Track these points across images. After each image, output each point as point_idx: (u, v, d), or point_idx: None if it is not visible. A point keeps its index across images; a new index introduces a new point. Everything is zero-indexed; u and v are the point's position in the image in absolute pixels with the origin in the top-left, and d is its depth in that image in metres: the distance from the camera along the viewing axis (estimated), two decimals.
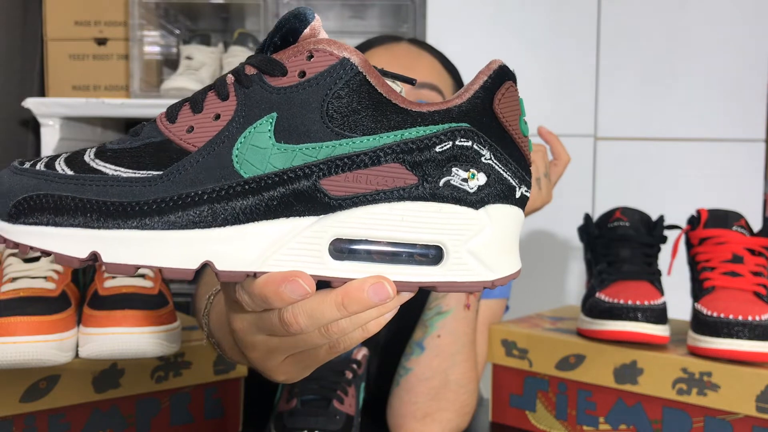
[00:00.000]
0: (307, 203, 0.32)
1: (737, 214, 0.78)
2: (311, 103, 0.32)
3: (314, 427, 0.66)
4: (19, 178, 0.33)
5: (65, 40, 1.60)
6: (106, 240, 0.31)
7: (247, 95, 0.33)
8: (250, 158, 0.32)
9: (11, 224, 0.32)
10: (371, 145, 0.32)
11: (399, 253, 0.33)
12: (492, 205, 0.34)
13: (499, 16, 1.52)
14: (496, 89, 0.35)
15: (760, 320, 0.68)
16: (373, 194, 0.32)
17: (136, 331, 0.63)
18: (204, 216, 0.32)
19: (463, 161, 0.33)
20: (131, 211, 0.31)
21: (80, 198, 0.31)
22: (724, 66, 1.48)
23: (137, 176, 0.32)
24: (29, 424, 0.64)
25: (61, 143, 1.53)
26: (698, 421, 0.70)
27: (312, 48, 0.33)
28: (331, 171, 0.32)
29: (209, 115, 0.33)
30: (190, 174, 0.32)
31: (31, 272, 0.65)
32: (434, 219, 0.33)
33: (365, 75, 0.33)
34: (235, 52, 1.58)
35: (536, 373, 0.80)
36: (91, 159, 0.33)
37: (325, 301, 0.32)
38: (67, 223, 0.31)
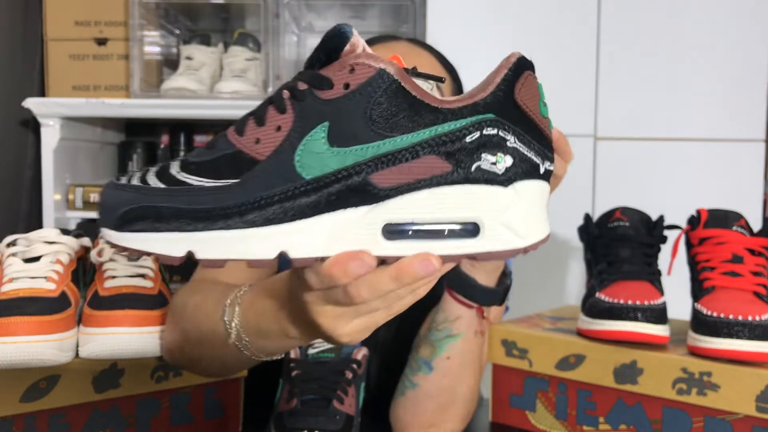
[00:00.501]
0: (360, 196, 0.38)
1: (737, 214, 0.78)
2: (356, 110, 0.37)
3: (314, 427, 0.66)
4: (120, 193, 0.38)
5: (65, 40, 1.60)
6: (199, 241, 0.37)
7: (302, 108, 0.38)
8: (310, 162, 0.37)
9: (119, 233, 0.38)
10: (410, 141, 0.38)
11: (441, 230, 0.38)
12: (519, 182, 0.39)
13: (499, 16, 1.52)
14: (516, 80, 0.39)
15: (760, 320, 0.68)
16: (414, 183, 0.38)
17: (136, 331, 0.63)
18: (276, 214, 0.37)
19: (491, 147, 0.38)
20: (216, 215, 0.37)
21: (173, 207, 0.37)
22: (724, 66, 1.48)
23: (218, 185, 0.38)
24: (29, 424, 0.64)
25: (61, 143, 1.53)
26: (698, 421, 0.70)
27: (353, 62, 0.38)
28: (377, 167, 0.37)
29: (271, 127, 0.38)
30: (261, 179, 0.37)
31: (31, 272, 0.65)
32: (469, 199, 0.38)
33: (400, 82, 0.38)
34: (235, 52, 1.58)
35: (536, 373, 0.80)
36: (177, 173, 0.39)
37: (382, 275, 0.38)
38: (165, 228, 0.37)
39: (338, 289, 0.40)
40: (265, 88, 1.55)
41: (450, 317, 0.69)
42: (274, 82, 1.54)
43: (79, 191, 1.57)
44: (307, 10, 1.69)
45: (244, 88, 1.53)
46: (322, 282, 0.39)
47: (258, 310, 0.53)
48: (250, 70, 1.57)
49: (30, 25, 1.63)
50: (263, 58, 1.58)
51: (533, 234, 0.40)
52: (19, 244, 0.69)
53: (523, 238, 0.39)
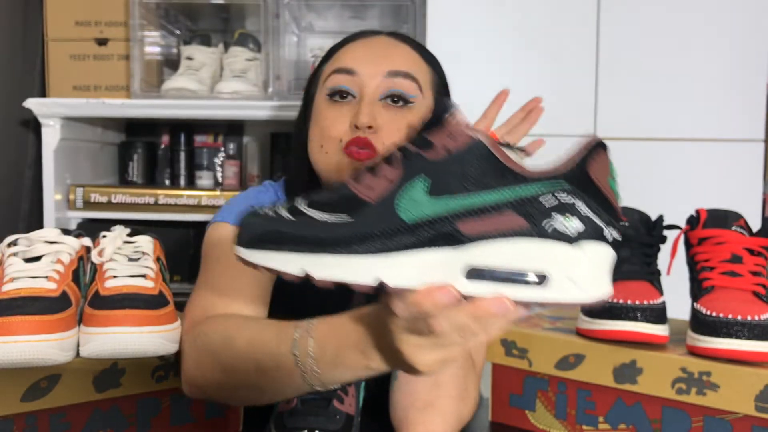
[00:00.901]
0: (448, 239, 0.44)
1: (736, 214, 0.78)
2: (453, 170, 0.45)
3: (314, 426, 0.66)
4: (257, 220, 0.47)
5: (66, 40, 1.60)
6: (314, 263, 0.45)
7: (409, 164, 0.46)
8: (410, 208, 0.45)
9: (248, 250, 0.47)
10: (494, 198, 0.44)
11: (514, 278, 0.44)
12: (586, 243, 0.44)
13: (499, 16, 1.52)
14: (591, 157, 0.46)
15: (759, 320, 0.68)
16: (495, 233, 0.44)
17: (137, 330, 0.63)
18: (378, 247, 0.45)
19: (563, 210, 0.44)
20: (330, 243, 0.45)
21: (296, 233, 0.46)
22: (723, 66, 1.48)
23: (335, 220, 0.46)
24: (30, 423, 0.64)
25: (62, 143, 1.53)
26: (697, 421, 0.70)
27: (453, 130, 0.46)
28: (466, 217, 0.44)
29: (383, 178, 0.47)
30: (370, 219, 0.45)
31: (32, 272, 0.65)
32: (541, 252, 0.44)
33: (491, 150, 0.45)
34: (236, 53, 1.58)
35: (536, 372, 0.80)
36: (305, 208, 0.48)
37: (461, 310, 0.44)
38: (286, 249, 0.46)
39: (422, 320, 0.45)
40: (266, 88, 1.55)
41: None
42: (275, 82, 1.55)
43: (80, 191, 1.58)
44: (307, 10, 1.69)
45: (245, 88, 1.53)
46: (409, 310, 0.45)
47: (339, 341, 0.56)
48: (250, 71, 1.57)
49: (30, 26, 1.63)
50: (263, 58, 1.58)
51: (594, 290, 0.45)
52: (19, 243, 0.69)
53: (585, 292, 0.44)
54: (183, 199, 1.58)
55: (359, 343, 0.55)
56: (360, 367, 0.55)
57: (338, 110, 0.83)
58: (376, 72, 0.83)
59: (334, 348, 0.56)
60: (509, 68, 1.52)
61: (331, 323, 0.58)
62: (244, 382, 0.63)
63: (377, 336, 0.53)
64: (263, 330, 0.63)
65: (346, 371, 0.56)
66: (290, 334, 0.59)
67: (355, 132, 0.81)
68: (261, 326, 0.64)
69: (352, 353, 0.55)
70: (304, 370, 0.58)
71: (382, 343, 0.52)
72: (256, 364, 0.61)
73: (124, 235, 0.75)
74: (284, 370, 0.59)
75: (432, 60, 0.90)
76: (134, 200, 1.58)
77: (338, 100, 0.83)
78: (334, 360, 0.56)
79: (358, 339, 0.55)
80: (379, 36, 0.89)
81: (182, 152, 1.82)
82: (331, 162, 0.83)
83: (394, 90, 0.83)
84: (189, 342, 0.69)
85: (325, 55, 0.91)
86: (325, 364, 0.57)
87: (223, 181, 1.84)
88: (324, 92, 0.85)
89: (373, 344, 0.54)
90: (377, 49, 0.86)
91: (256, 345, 0.62)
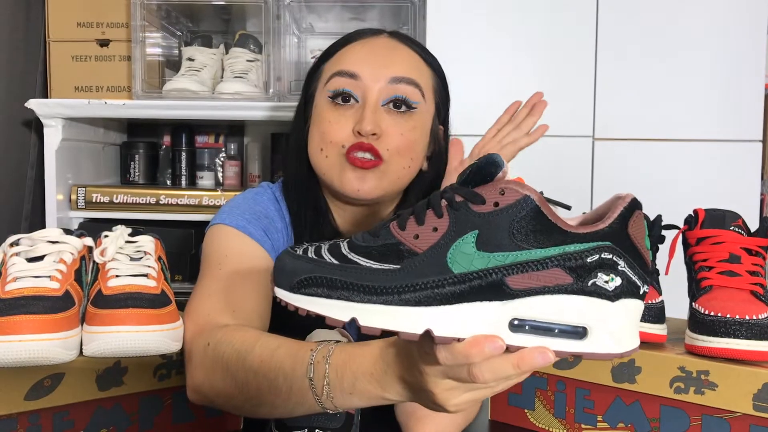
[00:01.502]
0: (495, 292, 0.46)
1: (734, 213, 0.78)
2: (502, 224, 0.46)
3: (314, 425, 0.66)
4: (299, 263, 0.47)
5: (68, 41, 1.60)
6: (362, 310, 0.46)
7: (457, 216, 0.47)
8: (459, 260, 0.46)
9: (293, 294, 0.47)
10: (542, 255, 0.46)
11: (557, 330, 0.46)
12: (624, 300, 0.47)
13: (499, 17, 1.53)
14: (630, 216, 0.48)
15: (757, 319, 0.68)
16: (541, 288, 0.46)
17: (141, 329, 0.63)
18: (426, 297, 0.45)
19: (606, 268, 0.46)
20: (379, 292, 0.46)
21: (344, 280, 0.46)
22: (721, 67, 1.48)
23: (383, 268, 0.46)
24: (33, 421, 0.65)
25: (64, 144, 1.54)
26: (696, 420, 0.70)
27: (504, 186, 0.47)
28: (513, 271, 0.46)
29: (429, 227, 0.47)
30: (418, 269, 0.46)
31: (35, 271, 0.66)
32: (584, 308, 0.46)
33: (539, 207, 0.46)
34: (237, 54, 1.59)
35: (535, 371, 0.80)
36: (347, 252, 0.48)
37: (505, 361, 0.45)
38: (335, 296, 0.46)
39: (463, 368, 0.47)
40: (266, 89, 1.56)
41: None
42: (275, 83, 1.55)
43: (82, 191, 1.58)
44: (308, 11, 1.70)
45: (246, 89, 1.53)
46: (454, 359, 0.46)
47: (356, 371, 0.56)
48: (251, 72, 1.58)
49: (32, 27, 1.63)
50: (264, 59, 1.58)
51: (629, 344, 0.48)
52: (22, 243, 0.69)
53: (620, 345, 0.47)
54: (184, 199, 1.58)
55: (378, 375, 0.55)
56: (375, 397, 0.56)
57: (341, 114, 0.83)
58: (379, 77, 0.83)
59: (351, 377, 0.56)
60: (509, 69, 1.53)
61: (350, 352, 0.58)
62: (257, 398, 0.63)
63: (400, 372, 0.54)
64: (277, 350, 0.63)
65: (361, 399, 0.57)
66: (306, 357, 0.59)
67: (358, 138, 0.81)
68: (275, 345, 0.64)
69: (369, 384, 0.56)
70: (317, 394, 0.58)
71: (406, 380, 0.53)
72: (270, 384, 0.61)
73: (126, 234, 0.76)
74: (297, 391, 0.59)
75: (433, 62, 0.90)
76: (136, 200, 1.58)
77: (341, 103, 0.83)
78: (350, 388, 0.57)
79: (376, 371, 0.55)
80: (381, 36, 0.89)
81: (183, 152, 1.82)
82: (332, 166, 0.83)
83: (398, 96, 0.83)
84: (198, 351, 0.68)
85: (324, 53, 0.90)
86: (340, 391, 0.57)
87: (224, 181, 1.84)
88: (325, 94, 0.85)
89: (392, 379, 0.54)
90: (380, 53, 0.86)
91: (271, 365, 0.62)
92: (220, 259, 0.79)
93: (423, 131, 0.86)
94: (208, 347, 0.68)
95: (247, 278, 0.77)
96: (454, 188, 0.49)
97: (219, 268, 0.78)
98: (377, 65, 0.84)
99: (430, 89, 0.88)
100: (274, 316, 0.81)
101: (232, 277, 0.77)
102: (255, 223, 0.83)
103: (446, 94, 0.93)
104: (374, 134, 0.81)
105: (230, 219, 0.83)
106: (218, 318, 0.73)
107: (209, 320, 0.72)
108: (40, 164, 1.60)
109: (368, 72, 0.83)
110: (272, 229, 0.85)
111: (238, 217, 0.83)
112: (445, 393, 0.50)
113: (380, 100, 0.83)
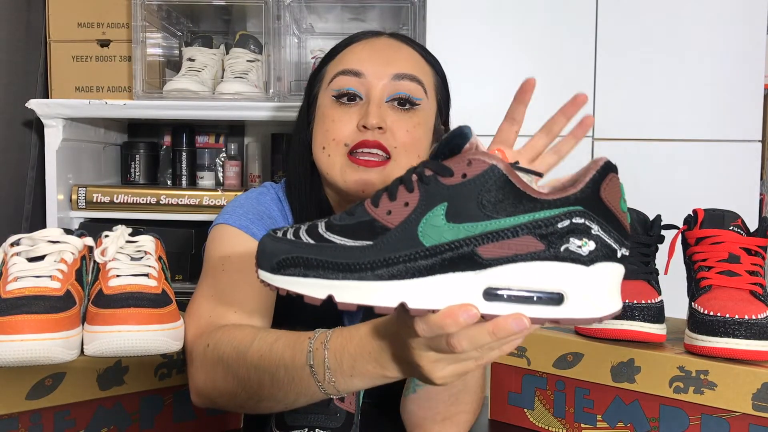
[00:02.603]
0: (468, 262, 0.46)
1: (734, 213, 0.78)
2: (471, 195, 0.46)
3: (315, 424, 0.66)
4: (278, 244, 0.48)
5: (68, 41, 1.61)
6: (337, 287, 0.46)
7: (427, 190, 0.47)
8: (430, 233, 0.46)
9: (273, 275, 0.48)
10: (512, 223, 0.46)
11: (531, 297, 0.46)
12: (600, 263, 0.47)
13: (499, 17, 1.53)
14: (602, 180, 0.47)
15: (757, 319, 0.68)
16: (513, 256, 0.46)
17: (143, 328, 0.64)
18: (400, 271, 0.46)
19: (578, 233, 0.46)
20: (353, 268, 0.46)
21: (319, 259, 0.47)
22: (720, 67, 1.49)
23: (357, 245, 0.47)
24: (35, 421, 0.65)
25: (64, 144, 1.54)
26: (695, 419, 0.70)
27: (471, 157, 0.47)
28: (484, 241, 0.46)
29: (401, 202, 0.48)
30: (391, 244, 0.47)
31: (36, 271, 0.66)
32: (557, 274, 0.46)
33: (507, 175, 0.46)
34: (237, 54, 1.59)
35: (534, 371, 0.81)
36: (323, 231, 0.48)
37: (481, 329, 0.46)
38: (311, 275, 0.47)
39: (442, 339, 0.47)
40: (267, 89, 1.56)
41: None
42: (275, 84, 1.55)
43: (82, 191, 1.58)
44: (308, 12, 1.70)
45: (246, 89, 1.54)
46: (431, 330, 0.47)
47: (354, 352, 0.57)
48: (251, 72, 1.58)
49: (33, 27, 1.64)
50: (264, 59, 1.58)
51: (608, 307, 0.48)
52: (22, 243, 0.70)
53: (599, 309, 0.47)
54: (185, 199, 1.58)
55: (374, 353, 0.56)
56: (376, 375, 0.57)
57: (344, 112, 0.83)
58: (382, 74, 0.83)
59: (350, 359, 0.57)
60: (508, 69, 1.53)
61: (346, 335, 0.59)
62: (259, 392, 0.64)
63: (393, 348, 0.55)
64: (275, 342, 0.64)
65: (362, 380, 0.58)
66: (304, 346, 0.60)
67: (363, 134, 0.82)
68: (273, 338, 0.64)
69: (367, 363, 0.57)
70: (319, 380, 0.59)
71: (398, 355, 0.54)
72: (271, 377, 0.62)
73: (126, 234, 0.76)
74: (299, 381, 0.60)
75: (433, 61, 0.91)
76: (136, 200, 1.59)
77: (345, 102, 0.83)
78: (350, 370, 0.57)
79: (373, 350, 0.56)
80: (382, 37, 0.90)
81: (184, 153, 1.83)
82: (334, 165, 0.84)
83: (401, 93, 0.83)
84: (198, 353, 0.69)
85: (327, 55, 0.91)
86: (341, 374, 0.58)
87: (225, 181, 1.85)
88: (329, 93, 0.85)
89: (388, 355, 0.55)
90: (382, 51, 0.86)
91: (270, 358, 0.62)
92: (223, 260, 0.79)
93: (427, 128, 0.87)
94: (208, 348, 0.68)
95: (248, 279, 0.77)
96: (424, 163, 0.49)
97: (221, 268, 0.78)
98: (380, 63, 0.84)
99: (432, 87, 0.88)
100: (277, 316, 0.81)
101: (233, 277, 0.77)
102: (258, 223, 0.83)
103: (447, 94, 0.93)
104: (380, 128, 0.81)
105: (233, 219, 0.83)
106: (219, 319, 0.73)
107: (210, 321, 0.72)
108: (40, 164, 1.60)
109: (371, 70, 0.83)
110: None
111: (241, 217, 0.84)
112: (431, 365, 0.51)
113: (384, 97, 0.83)
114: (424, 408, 0.73)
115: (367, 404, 0.82)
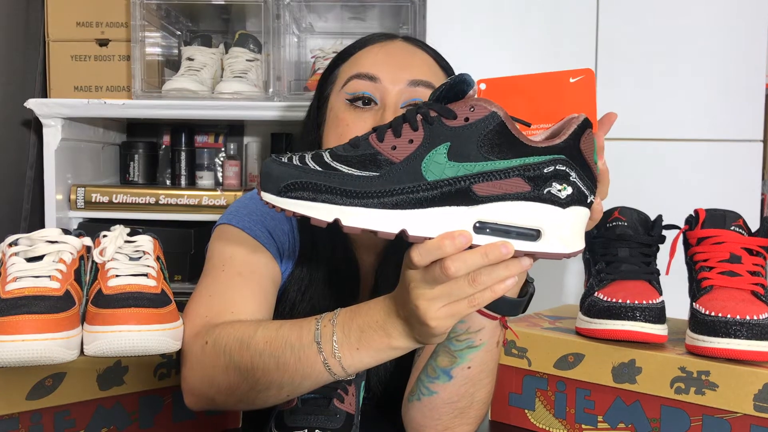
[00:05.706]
0: (463, 197, 0.52)
1: (735, 213, 0.78)
2: (471, 137, 0.52)
3: (314, 425, 0.66)
4: (285, 169, 0.51)
5: (67, 41, 1.60)
6: (344, 212, 0.51)
7: (431, 130, 0.52)
8: (433, 169, 0.51)
9: (280, 197, 0.51)
10: (505, 165, 0.52)
11: (514, 232, 0.52)
12: (573, 207, 0.53)
13: (499, 17, 1.53)
14: (582, 134, 0.54)
15: (758, 320, 0.68)
16: (502, 195, 0.52)
17: (143, 328, 0.63)
18: (402, 201, 0.51)
19: (559, 178, 0.52)
20: (360, 195, 0.51)
21: (327, 185, 0.51)
22: (721, 67, 1.49)
23: (363, 175, 0.52)
24: (35, 421, 0.65)
25: (63, 143, 1.54)
26: (696, 420, 0.70)
27: (473, 103, 0.52)
28: (480, 180, 0.51)
29: (405, 139, 0.53)
30: (396, 176, 0.51)
31: (35, 271, 0.65)
32: (538, 213, 0.52)
33: (505, 122, 0.52)
34: (236, 53, 1.59)
35: (535, 371, 0.81)
36: (329, 160, 0.52)
37: (473, 253, 0.52)
38: (319, 199, 0.51)
39: (436, 267, 0.52)
40: (266, 88, 1.56)
41: (473, 328, 0.68)
42: (275, 83, 1.55)
43: (81, 191, 1.58)
44: (308, 11, 1.70)
45: (245, 88, 1.53)
46: (428, 254, 0.52)
47: (361, 322, 0.61)
48: (250, 71, 1.58)
49: (32, 26, 1.63)
50: (264, 59, 1.58)
51: (575, 245, 0.54)
52: (21, 243, 0.69)
53: (568, 247, 0.53)
54: (184, 199, 1.58)
55: (381, 321, 0.60)
56: (382, 347, 0.60)
57: (358, 116, 0.82)
58: (398, 79, 0.82)
59: (358, 330, 0.60)
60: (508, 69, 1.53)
61: (354, 310, 0.62)
62: (262, 381, 0.64)
63: (397, 311, 0.59)
64: (281, 327, 0.65)
65: (369, 353, 0.60)
66: (311, 325, 0.63)
67: None
68: (278, 324, 0.66)
69: (375, 333, 0.60)
70: (326, 357, 0.61)
71: (401, 316, 0.58)
72: (277, 360, 0.63)
73: (125, 234, 0.76)
74: (305, 360, 0.62)
75: (447, 66, 0.90)
76: (135, 200, 1.58)
77: (360, 106, 0.83)
78: (357, 342, 0.60)
79: (380, 318, 0.60)
80: (396, 40, 0.89)
81: (183, 152, 1.82)
82: None
83: (417, 99, 0.83)
84: (195, 352, 0.69)
85: (339, 56, 0.90)
86: (348, 348, 0.60)
87: (224, 181, 1.84)
88: (343, 96, 0.84)
89: (394, 320, 0.59)
90: (398, 56, 0.86)
91: (277, 341, 0.64)
92: (224, 260, 0.79)
93: None
94: (206, 345, 0.68)
95: (249, 280, 0.77)
96: (428, 104, 0.53)
97: (222, 269, 0.78)
98: (396, 68, 0.83)
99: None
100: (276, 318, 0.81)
101: (234, 278, 0.77)
102: (261, 225, 0.83)
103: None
104: None
105: (236, 219, 0.83)
106: (216, 320, 0.73)
107: (207, 322, 0.72)
108: (39, 164, 1.59)
109: (387, 74, 0.82)
110: (278, 231, 0.84)
111: (244, 217, 0.83)
112: (426, 304, 0.54)
113: (399, 102, 0.82)
114: (426, 417, 0.72)
115: (367, 405, 0.82)
